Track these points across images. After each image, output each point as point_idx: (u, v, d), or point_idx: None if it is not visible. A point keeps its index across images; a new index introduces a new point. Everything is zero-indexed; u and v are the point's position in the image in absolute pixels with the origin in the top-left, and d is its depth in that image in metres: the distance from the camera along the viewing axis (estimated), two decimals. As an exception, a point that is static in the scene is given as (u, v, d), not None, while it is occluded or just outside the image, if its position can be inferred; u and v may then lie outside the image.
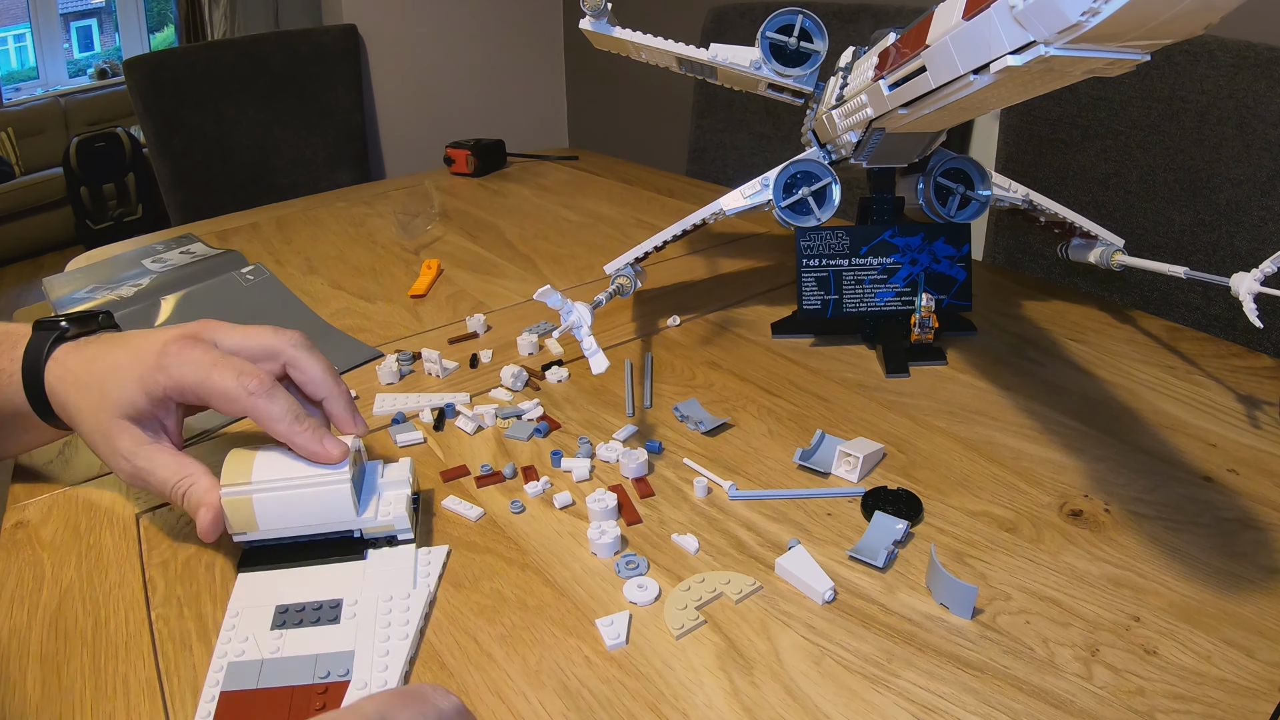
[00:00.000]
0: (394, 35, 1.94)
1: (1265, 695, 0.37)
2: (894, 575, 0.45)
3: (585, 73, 2.21)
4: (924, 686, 0.38)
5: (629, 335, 0.74)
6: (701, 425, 0.59)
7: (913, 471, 0.53)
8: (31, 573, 0.48)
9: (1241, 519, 0.48)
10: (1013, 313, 0.75)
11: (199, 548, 0.49)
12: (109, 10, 4.98)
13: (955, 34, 0.39)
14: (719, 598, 0.44)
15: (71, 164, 3.75)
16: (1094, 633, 0.41)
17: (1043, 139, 0.99)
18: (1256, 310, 0.53)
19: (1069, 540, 0.47)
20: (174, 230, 1.12)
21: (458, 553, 0.48)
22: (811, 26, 0.68)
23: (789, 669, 0.39)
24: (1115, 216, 0.92)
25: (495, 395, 0.64)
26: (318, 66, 1.74)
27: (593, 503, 0.49)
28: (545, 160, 1.39)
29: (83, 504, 0.54)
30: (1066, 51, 0.33)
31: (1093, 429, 0.57)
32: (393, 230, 1.05)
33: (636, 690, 0.39)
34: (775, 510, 0.50)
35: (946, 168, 0.67)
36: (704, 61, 0.71)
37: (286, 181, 1.68)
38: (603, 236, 1.01)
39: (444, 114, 2.05)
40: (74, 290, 0.89)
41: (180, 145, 1.57)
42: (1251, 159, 0.81)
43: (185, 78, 1.57)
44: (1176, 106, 0.86)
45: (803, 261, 0.68)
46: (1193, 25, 0.30)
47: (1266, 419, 0.57)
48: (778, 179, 0.67)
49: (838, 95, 0.61)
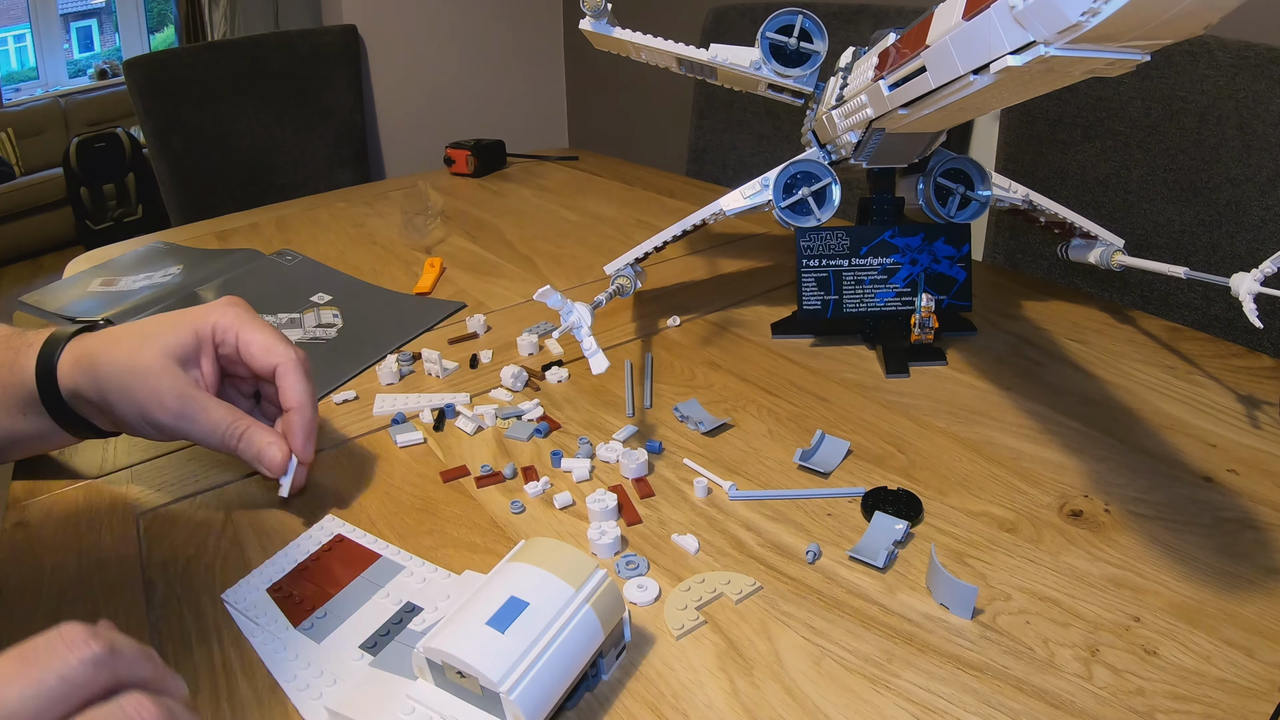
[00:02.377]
0: (394, 35, 1.94)
1: (1265, 695, 0.37)
2: (894, 575, 0.45)
3: (585, 73, 2.21)
4: (924, 687, 0.38)
5: (629, 335, 0.74)
6: (701, 425, 0.59)
7: (913, 471, 0.53)
8: (31, 573, 0.48)
9: (1241, 519, 0.48)
10: (1013, 313, 0.75)
11: (199, 548, 0.49)
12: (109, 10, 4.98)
13: (955, 34, 0.39)
14: (719, 598, 0.44)
15: (71, 164, 3.75)
16: (1094, 633, 0.41)
17: (1043, 139, 0.99)
18: (1256, 310, 0.53)
19: (1069, 540, 0.47)
20: (141, 239, 1.06)
21: (457, 553, 0.48)
22: (811, 27, 0.68)
23: (789, 669, 0.39)
24: (1115, 216, 0.92)
25: (495, 395, 0.64)
26: (318, 66, 1.74)
27: (593, 503, 0.49)
28: (545, 160, 1.39)
29: (83, 504, 0.54)
30: (1066, 52, 0.33)
31: (1093, 429, 0.57)
32: (395, 230, 1.05)
33: (636, 690, 0.39)
34: (775, 510, 0.50)
35: (946, 168, 0.67)
36: (704, 62, 0.71)
37: (286, 181, 1.68)
38: (603, 236, 1.01)
39: (444, 114, 2.05)
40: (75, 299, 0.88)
41: (180, 145, 1.57)
42: (1251, 159, 0.81)
43: (185, 78, 1.57)
44: (1176, 106, 0.86)
45: (803, 262, 0.68)
46: (1193, 25, 0.30)
47: (1266, 419, 0.57)
48: (778, 179, 0.67)
49: (838, 95, 0.61)
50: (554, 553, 0.38)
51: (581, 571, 0.38)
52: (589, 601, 0.37)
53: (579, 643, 0.36)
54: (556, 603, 0.36)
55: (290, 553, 0.48)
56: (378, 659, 0.40)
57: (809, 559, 0.46)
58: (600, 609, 0.37)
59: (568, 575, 0.37)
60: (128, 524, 0.52)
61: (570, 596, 0.37)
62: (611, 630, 0.38)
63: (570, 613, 0.36)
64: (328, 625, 0.42)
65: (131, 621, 0.44)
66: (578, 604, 0.37)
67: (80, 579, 0.47)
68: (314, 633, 0.42)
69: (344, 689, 0.38)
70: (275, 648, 0.41)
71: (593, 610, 0.37)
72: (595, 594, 0.37)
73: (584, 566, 0.38)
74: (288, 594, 0.45)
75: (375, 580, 0.45)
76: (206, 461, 0.57)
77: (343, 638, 0.42)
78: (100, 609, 0.45)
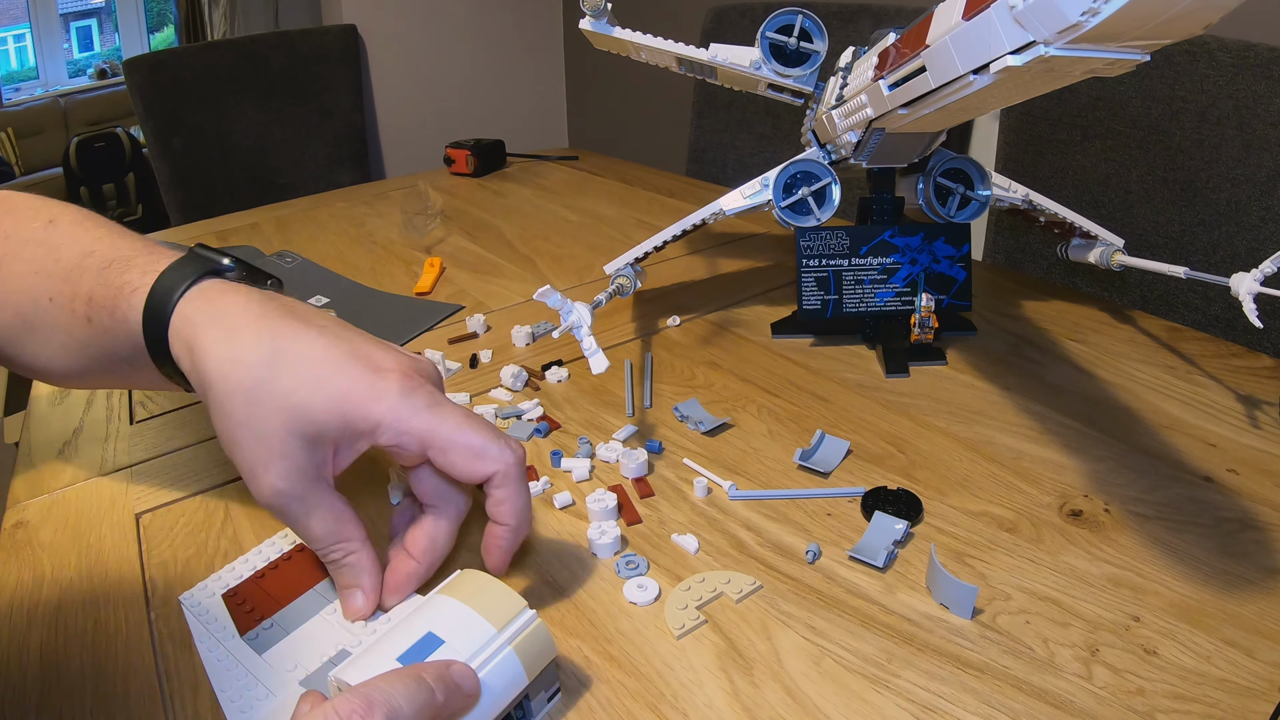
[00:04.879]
0: (394, 35, 1.94)
1: (1265, 695, 0.37)
2: (894, 575, 0.45)
3: (585, 73, 2.21)
4: (924, 686, 0.38)
5: (629, 335, 0.74)
6: (701, 425, 0.59)
7: (913, 471, 0.53)
8: (31, 573, 0.48)
9: (1241, 519, 0.48)
10: (1013, 313, 0.75)
11: (199, 548, 0.49)
12: (109, 10, 4.98)
13: (955, 34, 0.39)
14: (719, 597, 0.44)
15: (71, 164, 3.75)
16: (1094, 633, 0.41)
17: (1043, 139, 0.99)
18: (1256, 310, 0.53)
19: (1069, 540, 0.47)
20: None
21: (456, 552, 0.48)
22: (811, 27, 0.68)
23: (789, 669, 0.39)
24: (1115, 216, 0.92)
25: (495, 395, 0.64)
26: (318, 66, 1.74)
27: (592, 503, 0.49)
28: (545, 160, 1.39)
29: (83, 504, 0.54)
30: (1066, 51, 0.33)
31: (1093, 429, 0.57)
32: (395, 230, 1.05)
33: (636, 690, 0.39)
34: (775, 510, 0.50)
35: (946, 168, 0.67)
36: (704, 61, 0.71)
37: (286, 181, 1.68)
38: (603, 236, 1.01)
39: (444, 114, 2.05)
40: None
41: (180, 145, 1.57)
42: (1251, 159, 0.81)
43: (185, 78, 1.57)
44: (1176, 106, 0.86)
45: (803, 261, 0.68)
46: (1193, 25, 0.30)
47: (1266, 419, 0.57)
48: (777, 179, 0.67)
49: (838, 95, 0.61)
50: (482, 589, 0.36)
51: (507, 611, 0.36)
52: (511, 643, 0.35)
53: (495, 686, 0.34)
54: (474, 642, 0.34)
55: (251, 559, 0.47)
56: (307, 679, 0.39)
57: (809, 559, 0.46)
58: (524, 651, 0.35)
59: (491, 614, 0.35)
60: (128, 524, 0.52)
61: (491, 637, 0.35)
62: (540, 673, 0.36)
63: (488, 654, 0.34)
64: (272, 637, 0.42)
65: (131, 621, 0.44)
66: (498, 645, 0.35)
67: (80, 579, 0.47)
68: (258, 643, 0.41)
69: (273, 710, 0.37)
70: (218, 655, 0.41)
71: (515, 652, 0.35)
72: (519, 635, 0.35)
73: (511, 606, 0.36)
74: (241, 600, 0.44)
75: (325, 595, 0.44)
76: (207, 461, 0.57)
77: (283, 652, 0.41)
78: (100, 609, 0.45)
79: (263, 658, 0.41)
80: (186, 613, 0.44)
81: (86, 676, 0.41)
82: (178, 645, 0.42)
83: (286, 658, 0.40)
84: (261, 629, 0.42)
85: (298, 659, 0.40)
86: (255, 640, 0.42)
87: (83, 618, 0.44)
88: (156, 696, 0.39)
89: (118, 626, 0.43)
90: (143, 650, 0.42)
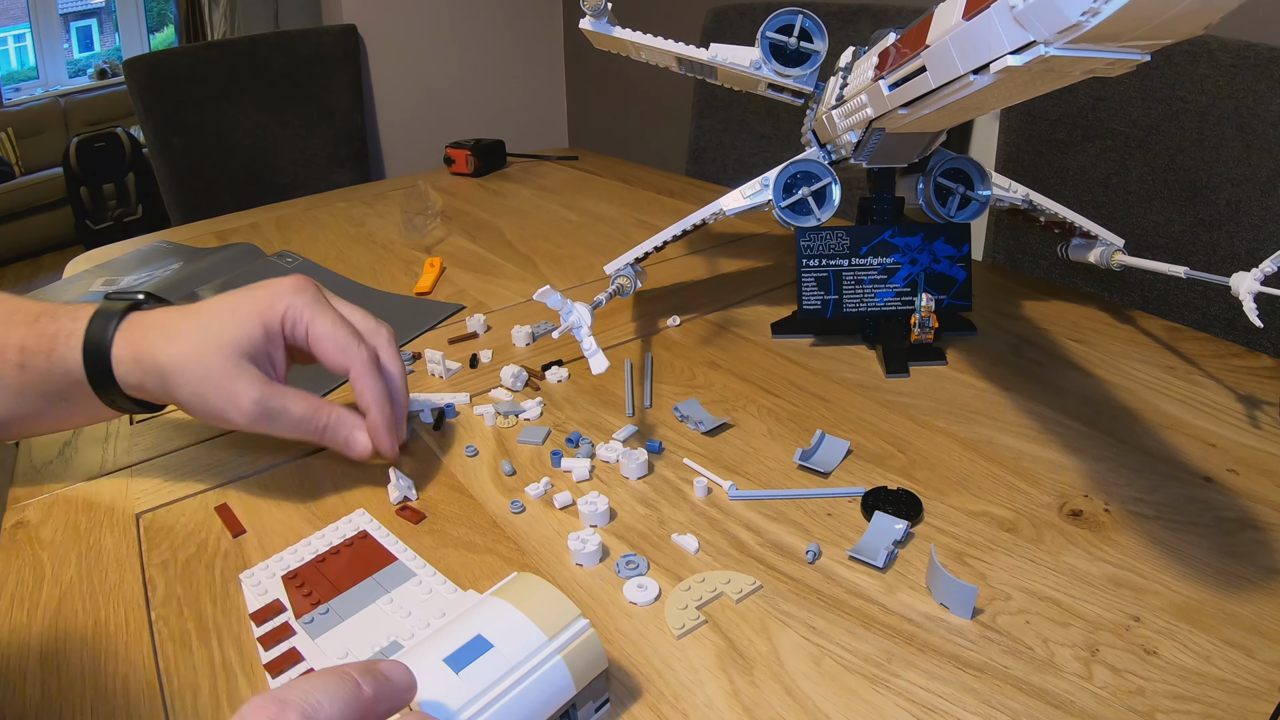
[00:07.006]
0: (394, 35, 1.94)
1: (1265, 695, 0.37)
2: (894, 575, 0.45)
3: (585, 73, 2.21)
4: (924, 686, 0.38)
5: (629, 335, 0.74)
6: (701, 425, 0.59)
7: (913, 471, 0.53)
8: (31, 573, 0.48)
9: (1241, 519, 0.48)
10: (1013, 313, 0.75)
11: (199, 547, 0.49)
12: (109, 10, 4.98)
13: (955, 34, 0.39)
14: (719, 597, 0.44)
15: (71, 164, 3.75)
16: (1094, 633, 0.41)
17: (1043, 139, 0.99)
18: (1256, 310, 0.53)
19: (1069, 540, 0.47)
20: (142, 239, 1.08)
21: (457, 553, 0.48)
22: (811, 26, 0.68)
23: (789, 669, 0.39)
24: (1115, 216, 0.92)
25: (495, 395, 0.64)
26: (317, 66, 1.74)
27: (583, 505, 0.49)
28: (545, 160, 1.39)
29: (83, 504, 0.54)
30: (1066, 51, 0.33)
31: (1093, 429, 0.57)
32: (395, 230, 1.05)
33: (636, 690, 0.39)
34: (775, 510, 0.50)
35: (946, 168, 0.67)
36: (704, 61, 0.71)
37: (286, 181, 1.68)
38: (603, 236, 1.01)
39: (444, 114, 2.05)
40: (81, 294, 0.89)
41: (180, 145, 1.57)
42: (1251, 159, 0.81)
43: (185, 78, 1.57)
44: (1176, 106, 0.86)
45: (803, 261, 0.68)
46: (1193, 25, 0.30)
47: (1266, 419, 0.57)
48: (778, 179, 0.67)
49: (838, 95, 0.61)
50: (535, 593, 0.36)
51: (560, 619, 0.35)
52: (561, 652, 0.34)
53: (541, 694, 0.33)
54: (524, 649, 0.33)
55: (314, 542, 0.48)
56: None
57: (809, 559, 0.46)
58: (574, 661, 0.34)
59: (543, 620, 0.34)
60: (128, 524, 0.52)
61: (541, 644, 0.34)
62: (589, 684, 0.35)
63: (537, 661, 0.33)
64: (327, 622, 0.42)
65: (131, 621, 0.44)
66: (548, 653, 0.34)
67: (80, 579, 0.47)
68: (312, 628, 0.42)
69: None
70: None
71: (564, 661, 0.34)
72: (570, 645, 0.34)
73: (565, 614, 0.35)
74: (300, 583, 0.45)
75: (384, 584, 0.45)
76: (207, 461, 0.57)
77: (335, 638, 0.41)
78: (100, 609, 0.45)
79: (315, 642, 0.41)
80: (246, 593, 0.45)
81: (86, 676, 0.41)
82: (178, 645, 0.42)
83: (339, 644, 0.41)
84: (317, 614, 0.43)
85: (349, 646, 0.41)
86: (310, 624, 0.42)
87: (83, 618, 0.44)
88: (157, 696, 0.39)
89: (118, 626, 0.44)
90: (143, 650, 0.42)
